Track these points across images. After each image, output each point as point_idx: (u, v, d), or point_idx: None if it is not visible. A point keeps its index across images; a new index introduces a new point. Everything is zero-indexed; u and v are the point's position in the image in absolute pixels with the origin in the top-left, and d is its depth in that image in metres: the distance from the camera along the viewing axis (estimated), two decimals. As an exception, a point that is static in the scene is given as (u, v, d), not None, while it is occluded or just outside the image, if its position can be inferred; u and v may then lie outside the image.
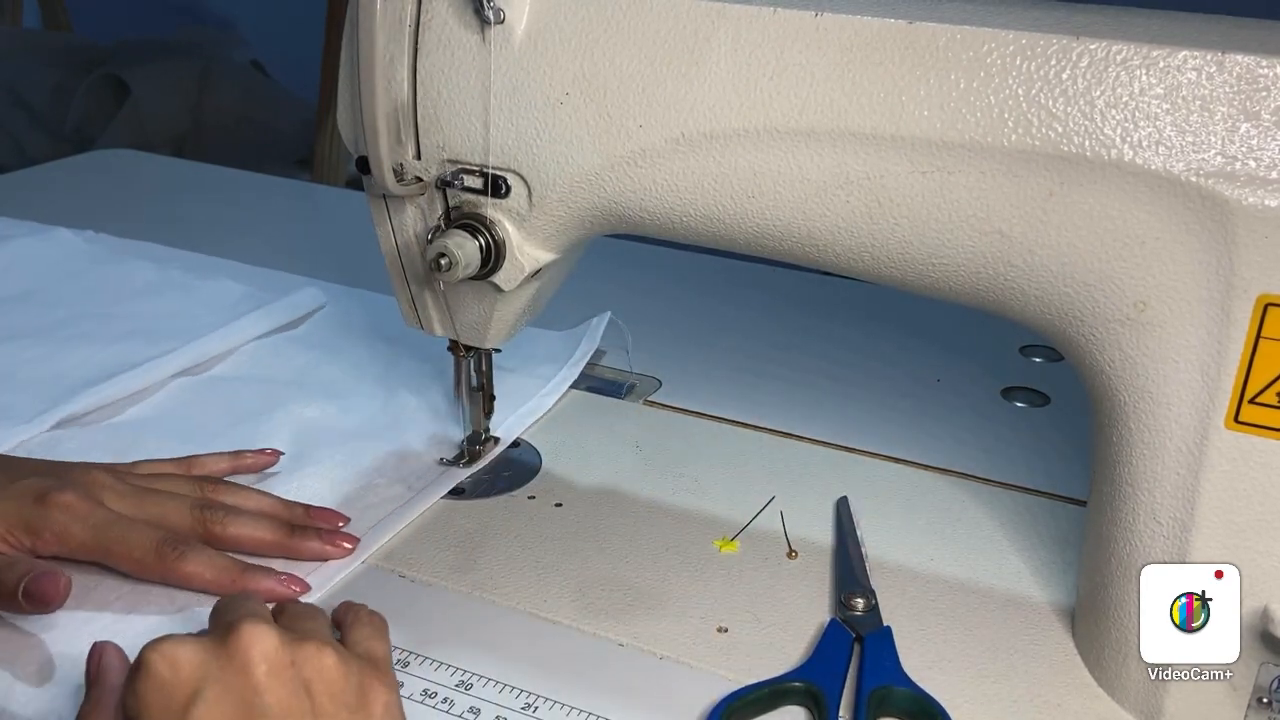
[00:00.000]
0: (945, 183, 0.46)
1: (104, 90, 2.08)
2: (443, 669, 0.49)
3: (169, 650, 0.37)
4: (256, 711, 0.36)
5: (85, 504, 0.51)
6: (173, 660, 0.37)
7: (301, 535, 0.56)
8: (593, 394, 0.74)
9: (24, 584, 0.47)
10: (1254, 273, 0.42)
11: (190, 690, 0.36)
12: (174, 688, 0.36)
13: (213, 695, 0.36)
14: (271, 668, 0.37)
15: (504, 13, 0.51)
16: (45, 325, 0.79)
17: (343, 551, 0.56)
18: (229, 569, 0.52)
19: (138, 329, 0.79)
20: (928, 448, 0.68)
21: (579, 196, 0.53)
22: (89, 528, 0.51)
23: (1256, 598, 0.44)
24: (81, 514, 0.51)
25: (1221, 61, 0.42)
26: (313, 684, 0.38)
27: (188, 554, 0.52)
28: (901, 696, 0.47)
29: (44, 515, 0.51)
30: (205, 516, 0.54)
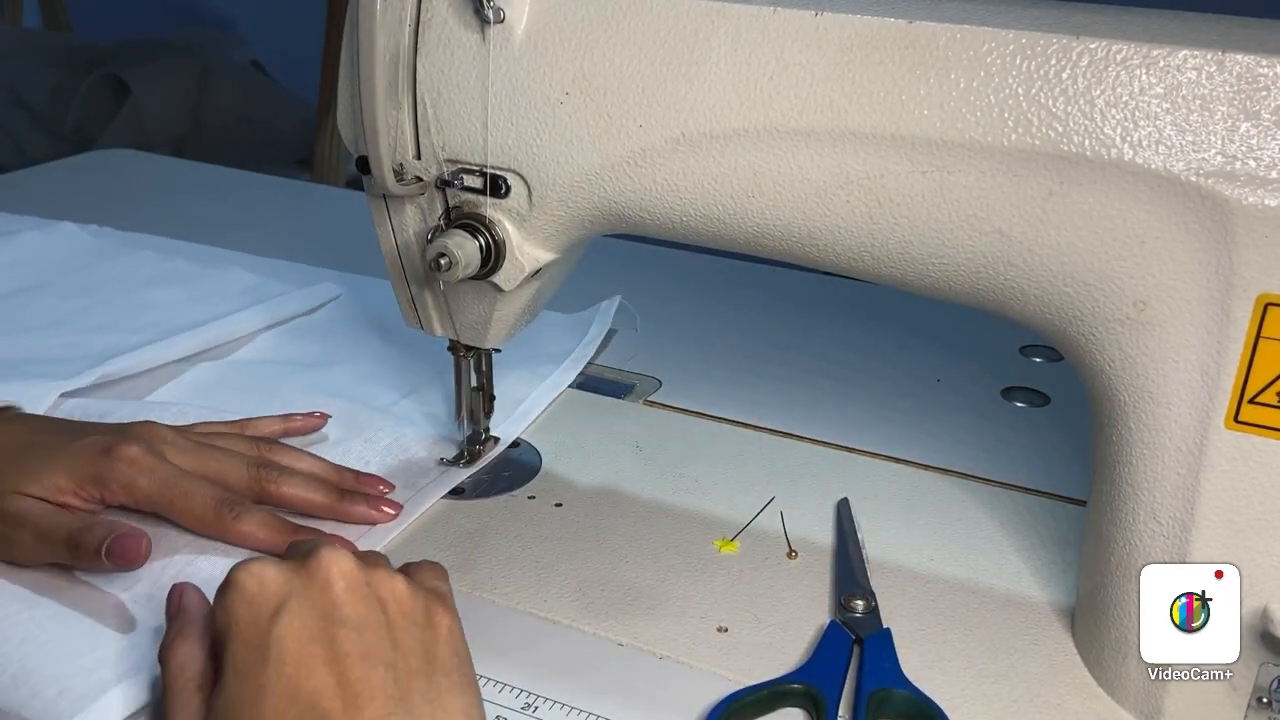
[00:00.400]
0: (945, 182, 0.46)
1: (104, 90, 2.08)
2: (442, 669, 0.49)
3: (256, 569, 0.40)
4: (335, 621, 0.39)
5: (149, 458, 0.54)
6: (260, 577, 0.40)
7: (350, 499, 0.58)
8: (593, 394, 0.74)
9: (107, 544, 0.50)
10: (1254, 272, 0.42)
11: (276, 603, 0.39)
12: (261, 601, 0.39)
13: (296, 607, 0.39)
14: (348, 584, 0.40)
15: (504, 12, 0.51)
16: (66, 314, 0.81)
17: (387, 517, 0.59)
18: (282, 530, 0.55)
19: (158, 318, 0.80)
20: (928, 448, 0.68)
21: (579, 196, 0.53)
22: (154, 481, 0.54)
23: (1256, 598, 0.44)
24: (146, 467, 0.54)
25: (1221, 61, 0.42)
26: (386, 602, 0.41)
27: (243, 515, 0.54)
28: (901, 699, 0.47)
29: (110, 468, 0.53)
30: (261, 475, 0.57)
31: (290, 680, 0.37)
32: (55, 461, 0.53)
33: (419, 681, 0.39)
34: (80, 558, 0.51)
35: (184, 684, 0.41)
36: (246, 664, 0.38)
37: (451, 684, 0.40)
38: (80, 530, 0.51)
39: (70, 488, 0.53)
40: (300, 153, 2.12)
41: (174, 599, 0.46)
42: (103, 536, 0.51)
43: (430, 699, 0.39)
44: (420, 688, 0.39)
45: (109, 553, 0.50)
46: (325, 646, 0.38)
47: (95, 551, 0.51)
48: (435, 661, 0.40)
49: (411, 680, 0.39)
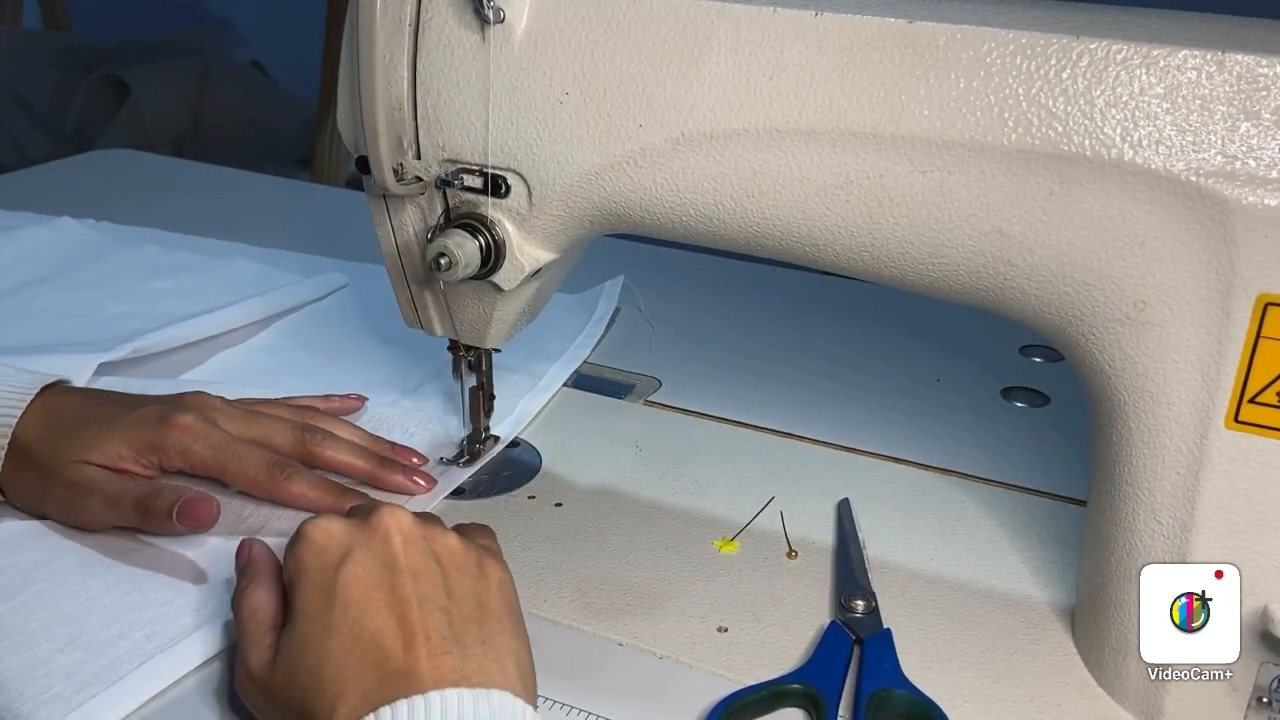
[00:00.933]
0: (945, 182, 0.46)
1: (104, 90, 2.08)
2: (442, 669, 0.49)
3: (324, 524, 0.45)
4: (395, 570, 0.43)
5: (203, 425, 0.57)
6: (327, 531, 0.44)
7: (389, 468, 0.62)
8: (593, 394, 0.74)
9: (177, 506, 0.54)
10: (1254, 272, 0.42)
11: (341, 553, 0.43)
12: (329, 551, 0.44)
13: (360, 556, 0.43)
14: (406, 539, 0.44)
15: (504, 12, 0.51)
16: (78, 306, 0.83)
17: (421, 489, 0.61)
18: (331, 490, 0.59)
19: (170, 307, 0.82)
20: (928, 448, 0.68)
21: (579, 196, 0.53)
22: (209, 447, 0.57)
23: (1256, 598, 0.44)
24: (201, 434, 0.57)
25: (1221, 61, 0.42)
26: (440, 555, 0.44)
27: (294, 476, 0.58)
28: (901, 700, 0.47)
29: (168, 435, 0.56)
30: (306, 438, 0.60)
31: (355, 621, 0.41)
32: (114, 431, 0.56)
33: (471, 625, 0.42)
34: (150, 520, 0.55)
35: (257, 625, 0.45)
36: (315, 606, 0.42)
37: (503, 628, 0.43)
38: (150, 495, 0.55)
39: (130, 455, 0.56)
40: (300, 153, 2.12)
41: (244, 552, 0.50)
42: (173, 500, 0.54)
43: (482, 640, 0.42)
44: (473, 630, 0.42)
45: (180, 515, 0.54)
46: (386, 592, 0.42)
47: (166, 514, 0.54)
48: (486, 608, 0.43)
49: (465, 624, 0.42)
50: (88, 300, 0.84)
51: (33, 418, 0.57)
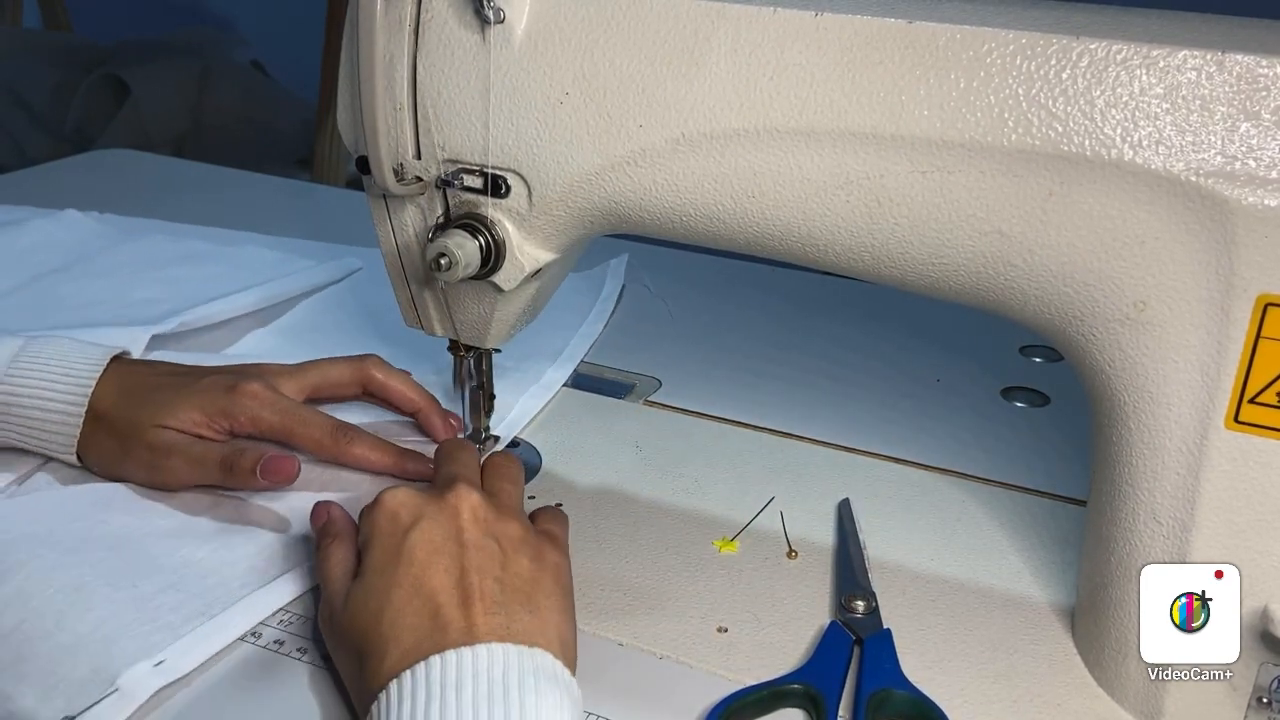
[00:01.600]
0: (945, 182, 0.46)
1: (104, 90, 2.08)
2: (442, 669, 0.49)
3: (401, 494, 0.49)
4: (458, 542, 0.47)
5: (269, 392, 0.61)
6: (402, 500, 0.49)
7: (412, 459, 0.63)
8: (593, 394, 0.74)
9: (261, 464, 0.58)
10: (1254, 273, 0.42)
11: (412, 520, 0.48)
12: (401, 517, 0.48)
13: (428, 525, 0.47)
14: (473, 517, 0.48)
15: (504, 13, 0.51)
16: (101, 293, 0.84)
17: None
18: (390, 451, 0.62)
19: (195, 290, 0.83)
20: (928, 448, 0.68)
21: (579, 196, 0.53)
22: (277, 413, 0.60)
23: (1256, 598, 0.44)
24: (268, 401, 0.60)
25: (1221, 61, 0.42)
26: (501, 538, 0.48)
27: (356, 439, 0.62)
28: (901, 700, 0.47)
29: (237, 402, 0.60)
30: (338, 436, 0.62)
31: (416, 578, 0.45)
32: (187, 398, 0.60)
33: (521, 595, 0.46)
34: (235, 478, 0.58)
35: (340, 575, 0.49)
36: (383, 563, 0.46)
37: (551, 604, 0.46)
38: (233, 454, 0.58)
39: (204, 421, 0.60)
40: (300, 153, 2.11)
41: (321, 514, 0.54)
42: (256, 458, 0.58)
43: (530, 609, 0.45)
44: (522, 600, 0.45)
45: (264, 471, 0.58)
46: (448, 558, 0.46)
47: (250, 471, 0.58)
48: (539, 585, 0.47)
49: (515, 594, 0.45)
50: (110, 287, 0.85)
51: (107, 386, 0.60)
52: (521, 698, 0.41)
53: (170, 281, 0.86)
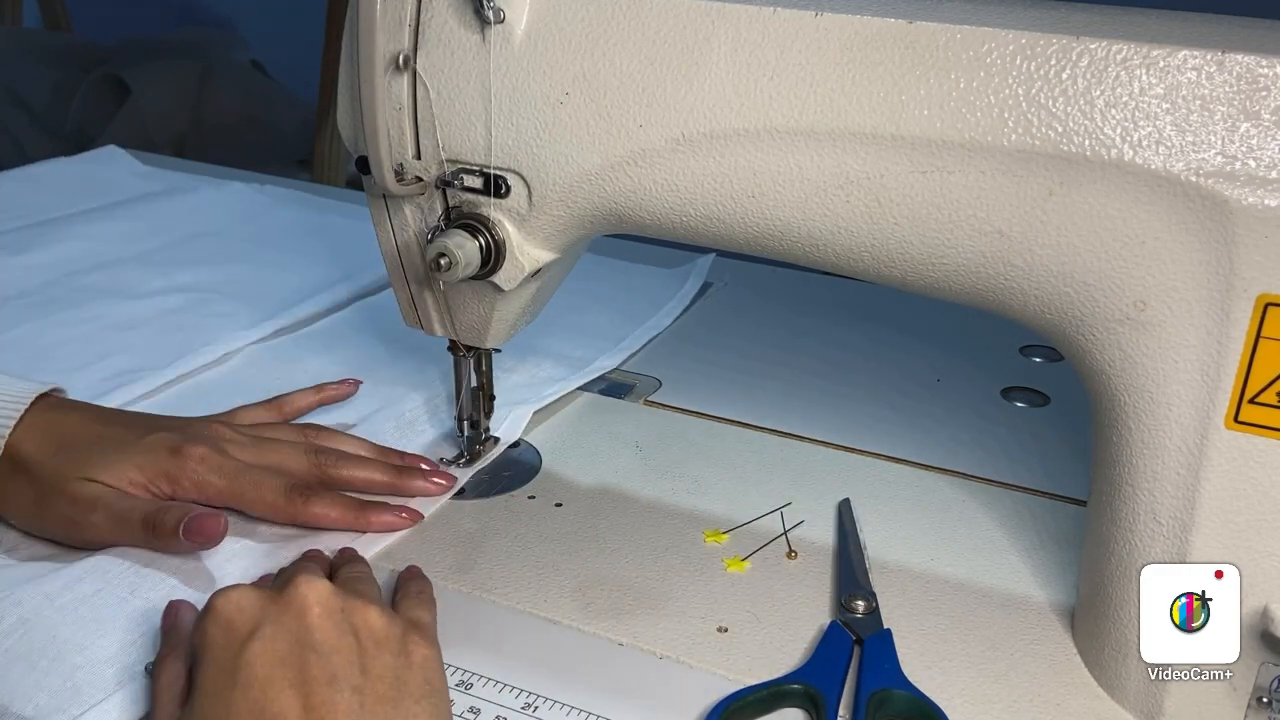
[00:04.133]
0: (945, 182, 0.46)
1: (104, 90, 2.08)
2: (443, 669, 0.49)
3: (235, 596, 0.42)
4: (306, 646, 0.40)
5: (216, 456, 0.56)
6: (237, 604, 0.41)
7: (408, 474, 0.62)
8: (593, 394, 0.74)
9: (184, 523, 0.53)
10: (1254, 273, 0.42)
11: (250, 628, 0.40)
12: (237, 625, 0.41)
13: (269, 633, 0.40)
14: (324, 610, 0.41)
15: (504, 13, 0.51)
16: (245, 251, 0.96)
17: (442, 488, 0.62)
18: (351, 507, 0.58)
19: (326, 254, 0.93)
20: (928, 448, 0.68)
21: (579, 196, 0.53)
22: (224, 477, 0.56)
23: (1256, 598, 0.44)
24: (215, 465, 0.56)
25: (1221, 61, 0.42)
26: (359, 630, 0.42)
27: (313, 498, 0.57)
28: (901, 700, 0.47)
29: (182, 467, 0.56)
30: (320, 460, 0.59)
31: (256, 702, 0.38)
32: (126, 455, 0.55)
33: (385, 707, 0.39)
34: (158, 537, 0.53)
35: (169, 699, 0.42)
36: (216, 685, 0.40)
37: (420, 710, 0.40)
38: (156, 512, 0.54)
39: (142, 481, 0.55)
40: (300, 153, 2.11)
41: (169, 615, 0.48)
42: (180, 516, 0.53)
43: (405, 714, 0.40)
44: (386, 713, 0.39)
45: (187, 531, 0.53)
46: (294, 670, 0.39)
47: (173, 532, 0.53)
48: (405, 688, 0.41)
49: (378, 705, 0.39)
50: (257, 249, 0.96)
51: (30, 430, 0.56)
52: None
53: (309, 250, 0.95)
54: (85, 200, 1.05)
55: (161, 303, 0.85)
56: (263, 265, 0.93)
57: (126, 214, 1.02)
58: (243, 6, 2.40)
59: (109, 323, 0.81)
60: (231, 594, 0.42)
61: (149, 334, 0.80)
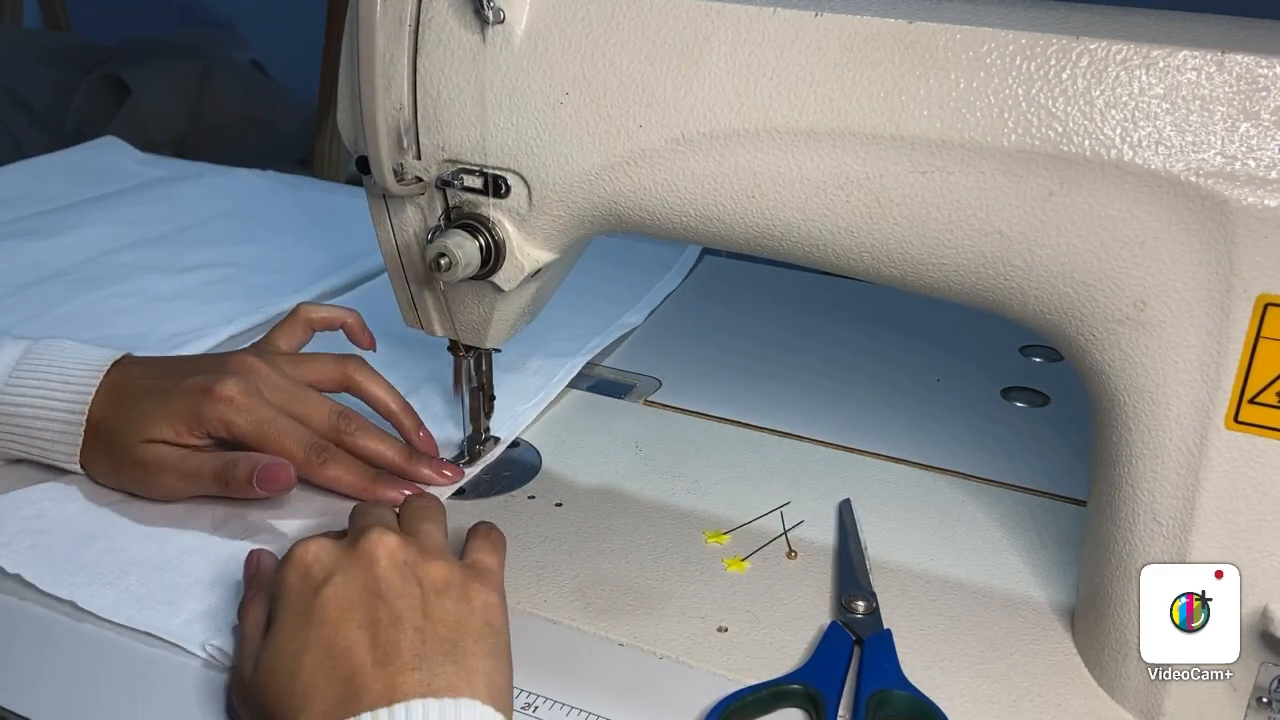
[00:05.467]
0: (945, 183, 0.46)
1: (104, 90, 2.08)
2: (442, 669, 0.49)
3: (312, 546, 0.46)
4: (375, 594, 0.44)
5: (245, 397, 0.58)
6: (315, 553, 0.45)
7: (417, 459, 0.63)
8: (593, 394, 0.74)
9: (256, 473, 0.56)
10: (1254, 273, 0.42)
11: (324, 575, 0.44)
12: (313, 573, 0.45)
13: (341, 580, 0.44)
14: (391, 562, 0.45)
15: (504, 13, 0.51)
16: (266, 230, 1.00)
17: (447, 480, 0.63)
18: (364, 475, 0.60)
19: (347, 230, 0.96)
20: (928, 448, 0.68)
21: (579, 196, 0.53)
22: (249, 422, 0.58)
23: (1256, 598, 0.44)
24: (243, 407, 0.58)
25: (1221, 61, 0.42)
26: (423, 580, 0.45)
27: (329, 461, 0.59)
28: (901, 700, 0.47)
29: (212, 408, 0.58)
30: (341, 425, 0.61)
31: (328, 638, 0.42)
32: (165, 406, 0.58)
33: (444, 645, 0.43)
34: (231, 488, 0.57)
35: (254, 636, 0.46)
36: (293, 623, 0.43)
37: (479, 649, 0.43)
38: (225, 466, 0.57)
39: (185, 430, 0.58)
40: (300, 153, 2.11)
41: (251, 563, 0.52)
42: (251, 467, 0.57)
43: (455, 660, 0.42)
44: (445, 650, 0.42)
45: (260, 480, 0.56)
46: (363, 612, 0.43)
47: (246, 481, 0.56)
48: (464, 629, 0.44)
49: (438, 643, 0.42)
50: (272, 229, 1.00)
51: (101, 396, 0.59)
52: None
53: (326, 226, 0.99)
54: (96, 187, 1.08)
55: (203, 275, 0.89)
56: (288, 242, 0.96)
57: (141, 198, 1.06)
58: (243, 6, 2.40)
59: (156, 295, 0.86)
60: (310, 544, 0.46)
61: (197, 303, 0.84)
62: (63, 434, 0.59)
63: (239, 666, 0.46)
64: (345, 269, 0.91)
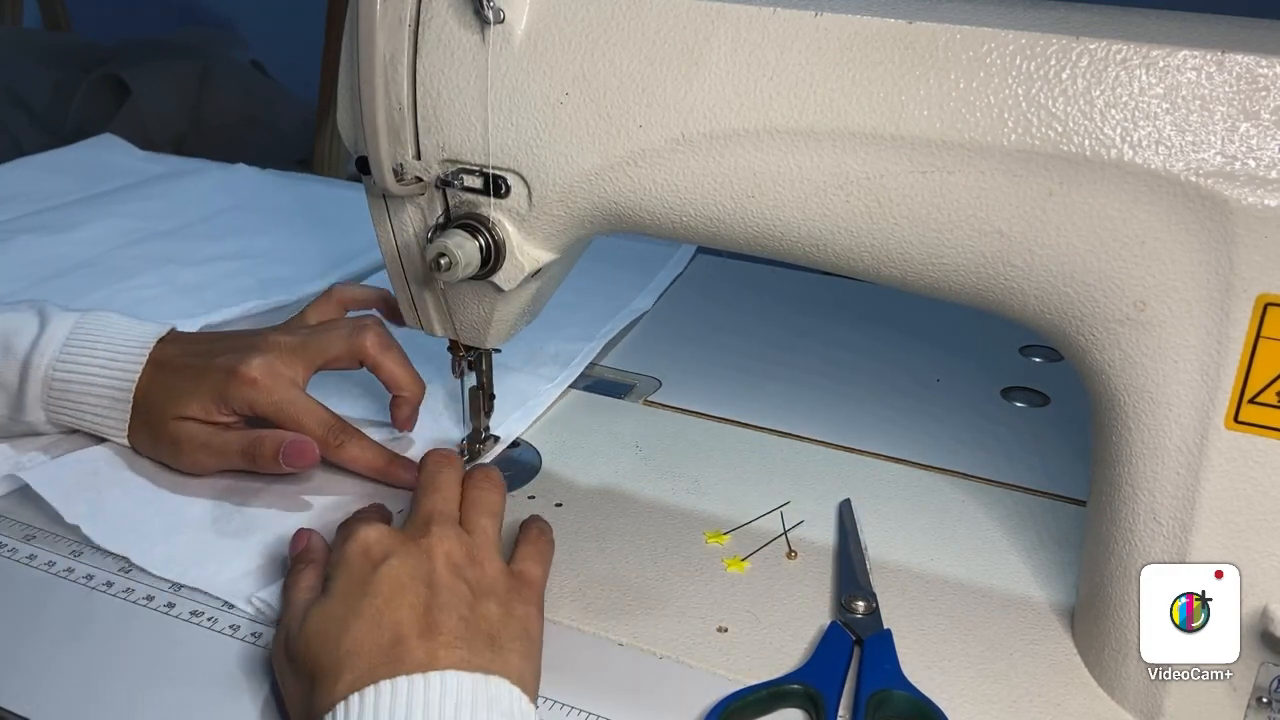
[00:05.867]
0: (945, 182, 0.46)
1: (104, 90, 2.08)
2: (442, 669, 0.49)
3: (375, 529, 0.48)
4: (427, 583, 0.46)
5: (268, 379, 0.61)
6: (377, 536, 0.48)
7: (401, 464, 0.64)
8: (593, 394, 0.74)
9: (282, 450, 0.59)
10: (1254, 273, 0.42)
11: (383, 555, 0.47)
12: (373, 552, 0.47)
13: (398, 562, 0.46)
14: (447, 561, 0.47)
15: (504, 13, 0.50)
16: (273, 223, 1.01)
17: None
18: (381, 455, 0.63)
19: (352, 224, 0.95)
20: (928, 448, 0.68)
21: (579, 196, 0.53)
22: (271, 403, 0.61)
23: (1256, 598, 0.44)
24: (265, 388, 0.61)
25: (1221, 61, 0.42)
26: (472, 581, 0.47)
27: (347, 441, 0.62)
28: (900, 700, 0.47)
29: (237, 389, 0.60)
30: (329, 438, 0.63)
31: (379, 610, 0.44)
32: (195, 385, 0.61)
33: (485, 639, 0.45)
34: (259, 464, 0.60)
35: (304, 600, 0.48)
36: (348, 590, 0.46)
37: (514, 649, 0.45)
38: (252, 444, 0.60)
39: (214, 409, 0.61)
40: (300, 153, 2.11)
41: (301, 540, 0.54)
42: (276, 445, 0.59)
43: (494, 649, 0.45)
44: (484, 644, 0.45)
45: (285, 457, 0.59)
46: (414, 594, 0.45)
47: (272, 458, 0.59)
48: (505, 629, 0.46)
49: (479, 635, 0.45)
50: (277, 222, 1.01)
51: (146, 371, 0.62)
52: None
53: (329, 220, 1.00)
54: (99, 184, 1.09)
55: (221, 267, 0.91)
56: (297, 235, 0.98)
57: (145, 193, 1.07)
58: (243, 6, 2.40)
59: (180, 284, 0.88)
60: (373, 528, 0.48)
61: (221, 292, 0.86)
62: (112, 408, 0.62)
63: (283, 627, 0.48)
64: (354, 261, 0.92)
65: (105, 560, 0.56)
